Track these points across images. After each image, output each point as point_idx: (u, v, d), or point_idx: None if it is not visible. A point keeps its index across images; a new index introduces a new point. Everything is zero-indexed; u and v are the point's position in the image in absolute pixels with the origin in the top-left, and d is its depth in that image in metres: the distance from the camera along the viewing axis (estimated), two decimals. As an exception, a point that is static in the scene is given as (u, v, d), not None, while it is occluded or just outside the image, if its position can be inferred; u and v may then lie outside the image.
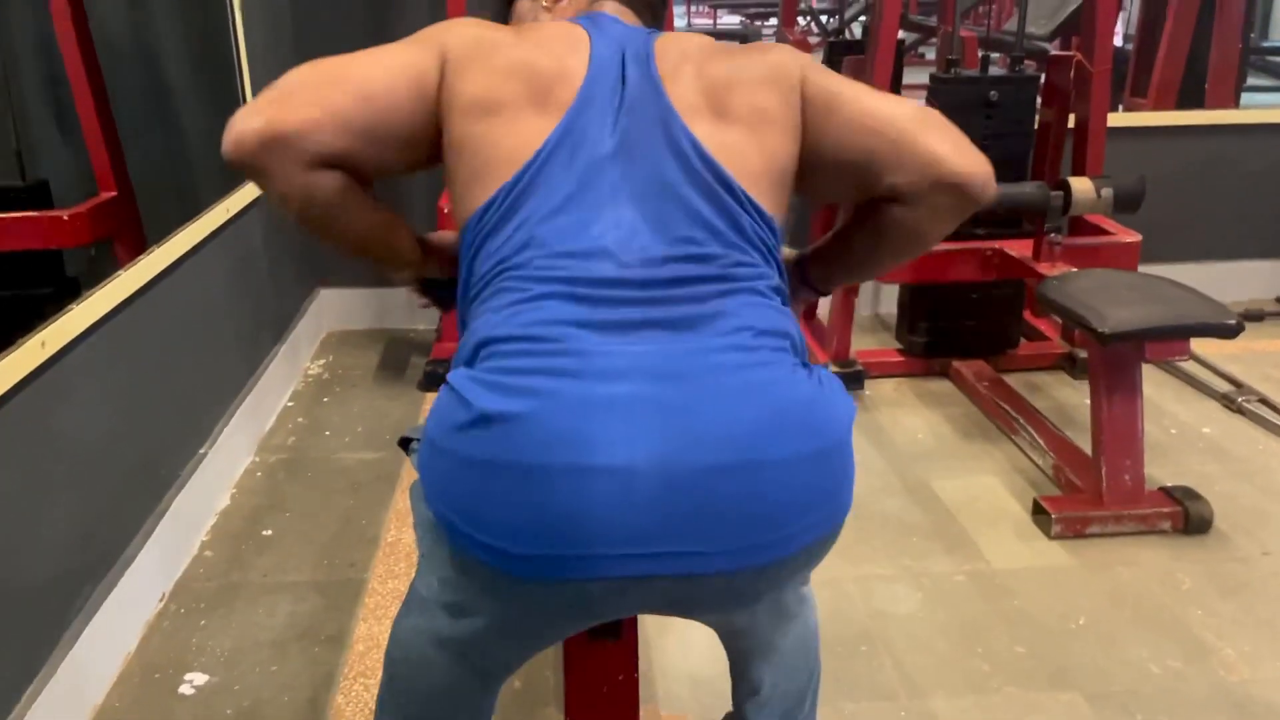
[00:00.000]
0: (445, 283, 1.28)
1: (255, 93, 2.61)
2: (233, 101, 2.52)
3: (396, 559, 2.09)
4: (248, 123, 0.98)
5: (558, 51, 1.10)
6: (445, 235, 1.29)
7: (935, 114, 1.09)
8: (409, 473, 2.43)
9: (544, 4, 1.25)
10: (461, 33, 1.10)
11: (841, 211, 3.02)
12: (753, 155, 1.08)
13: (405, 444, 1.24)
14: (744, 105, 1.09)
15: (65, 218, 1.87)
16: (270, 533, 2.19)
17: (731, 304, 1.02)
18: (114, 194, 1.98)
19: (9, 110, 1.79)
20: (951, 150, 1.05)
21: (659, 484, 0.91)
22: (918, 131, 1.06)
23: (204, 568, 2.06)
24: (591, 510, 0.90)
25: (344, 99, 1.02)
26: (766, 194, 1.08)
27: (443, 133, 1.08)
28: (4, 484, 1.47)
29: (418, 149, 1.09)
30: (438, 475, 0.98)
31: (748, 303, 1.03)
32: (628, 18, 1.21)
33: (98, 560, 1.76)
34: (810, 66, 1.13)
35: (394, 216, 1.17)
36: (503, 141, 1.05)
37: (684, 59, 1.12)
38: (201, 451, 2.21)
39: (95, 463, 1.75)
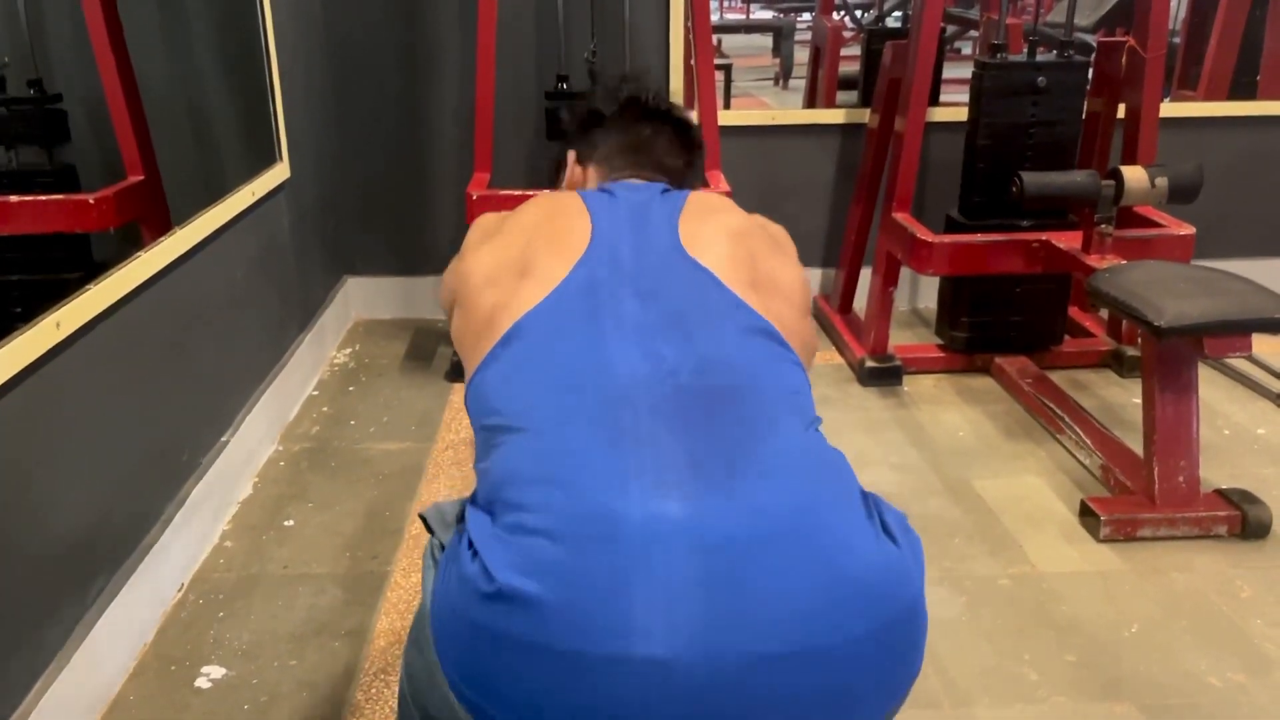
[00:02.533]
0: None
1: (281, 78, 2.57)
2: (259, 85, 2.47)
3: (420, 552, 2.03)
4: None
5: (553, 225, 1.15)
6: None
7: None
8: (434, 465, 2.37)
9: (578, 170, 1.38)
10: (471, 237, 1.22)
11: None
12: (775, 306, 1.09)
13: (427, 524, 1.14)
14: (770, 282, 1.12)
15: (91, 201, 1.83)
16: (292, 523, 2.14)
17: (778, 441, 0.93)
18: (141, 178, 1.94)
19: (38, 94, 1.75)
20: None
21: (703, 677, 0.81)
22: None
23: (224, 558, 2.02)
24: (628, 705, 0.82)
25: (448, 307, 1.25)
26: (795, 340, 1.07)
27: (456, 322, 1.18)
28: (17, 468, 1.43)
29: None
30: (455, 644, 0.90)
31: (794, 439, 0.95)
32: (648, 178, 1.30)
33: (115, 548, 1.71)
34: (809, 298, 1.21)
35: None
36: (497, 301, 1.08)
37: (711, 227, 1.15)
38: (223, 439, 2.16)
39: (113, 448, 1.71)
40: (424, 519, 1.14)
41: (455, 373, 2.85)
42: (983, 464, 2.39)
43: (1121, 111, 2.89)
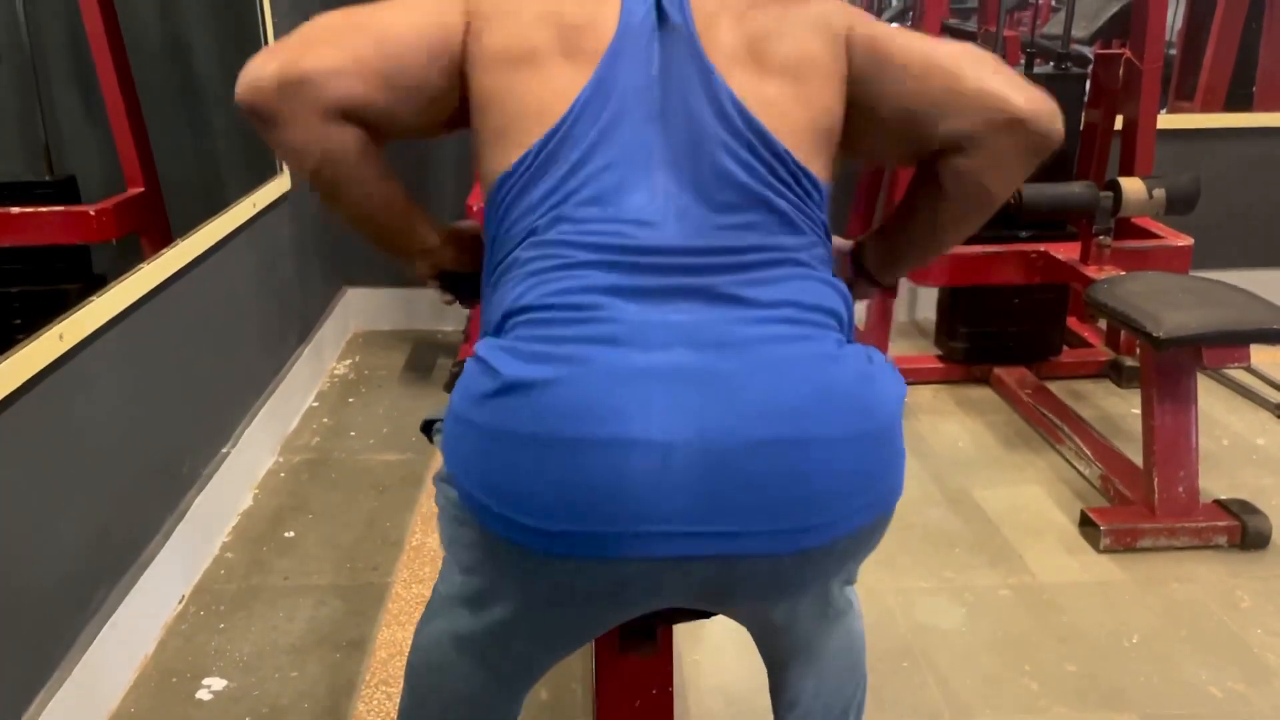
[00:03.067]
0: (467, 275, 1.23)
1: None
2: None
3: (420, 563, 2.03)
4: (265, 65, 0.93)
5: (587, 1, 1.03)
6: (466, 223, 1.25)
7: (988, 53, 1.01)
8: (433, 471, 2.37)
9: None
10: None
11: (884, 191, 2.95)
12: (796, 110, 1.01)
13: (428, 428, 1.18)
14: (787, 55, 1.01)
15: (92, 213, 1.83)
16: (292, 535, 2.14)
17: (776, 275, 0.96)
18: (141, 189, 1.95)
19: (38, 105, 1.76)
20: (1008, 87, 0.97)
21: (699, 459, 0.85)
22: (972, 71, 0.98)
23: (224, 569, 2.01)
24: (628, 486, 0.85)
25: (366, 45, 0.96)
26: (812, 152, 1.01)
27: (469, 89, 1.02)
28: (18, 481, 1.43)
29: (439, 107, 1.04)
30: (463, 449, 0.92)
31: (793, 274, 0.97)
32: None
33: (115, 560, 1.71)
34: (857, 15, 1.05)
35: (410, 199, 1.14)
36: (532, 94, 0.99)
37: (722, 6, 1.04)
38: (224, 451, 2.16)
39: (114, 460, 1.71)
40: (425, 423, 1.17)
41: (454, 383, 2.84)
42: (983, 474, 2.39)
43: (1119, 123, 2.90)
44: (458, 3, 1.02)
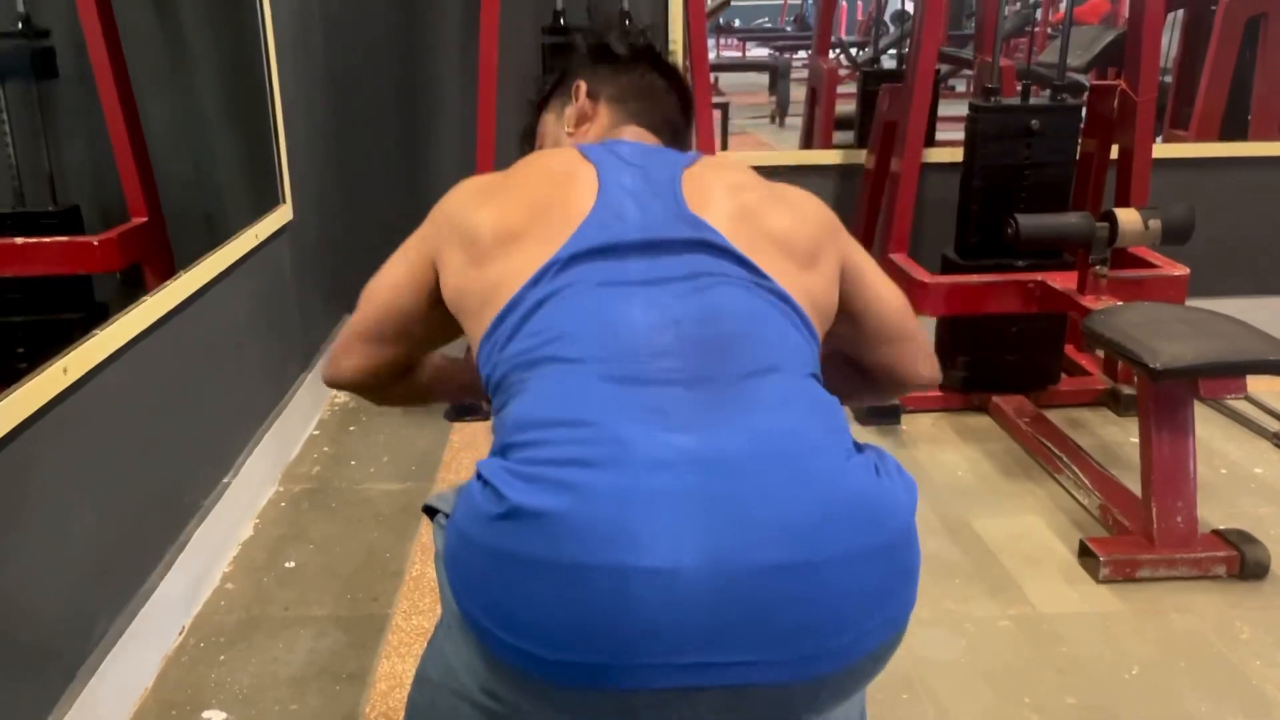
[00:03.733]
0: None
1: (285, 120, 2.60)
2: (263, 128, 2.50)
3: (420, 594, 2.03)
4: (324, 373, 1.27)
5: (559, 185, 1.12)
6: None
7: (923, 333, 1.27)
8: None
9: (567, 129, 1.31)
10: (449, 206, 1.17)
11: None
12: (783, 265, 1.07)
13: (430, 512, 1.17)
14: (777, 230, 1.10)
15: (95, 243, 1.85)
16: (293, 565, 2.14)
17: (777, 383, 0.95)
18: (144, 219, 1.96)
19: (42, 135, 1.78)
20: (928, 373, 1.27)
21: (707, 586, 0.83)
22: (915, 354, 1.25)
23: (225, 600, 2.02)
24: (635, 615, 0.83)
25: (373, 330, 1.21)
26: (802, 296, 1.07)
27: (449, 307, 1.15)
28: (21, 513, 1.43)
29: (446, 327, 1.19)
30: (466, 571, 0.91)
31: (793, 382, 0.97)
32: (649, 140, 1.27)
33: (117, 592, 1.71)
34: (843, 230, 1.20)
35: (450, 363, 1.32)
36: (507, 267, 1.06)
37: (714, 185, 1.13)
38: (225, 480, 2.17)
39: (116, 492, 1.71)
40: (427, 507, 1.17)
41: (455, 413, 2.86)
42: (982, 503, 2.40)
43: (1114, 152, 2.93)
44: (428, 238, 1.18)
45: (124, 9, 1.86)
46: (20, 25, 1.64)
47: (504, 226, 1.08)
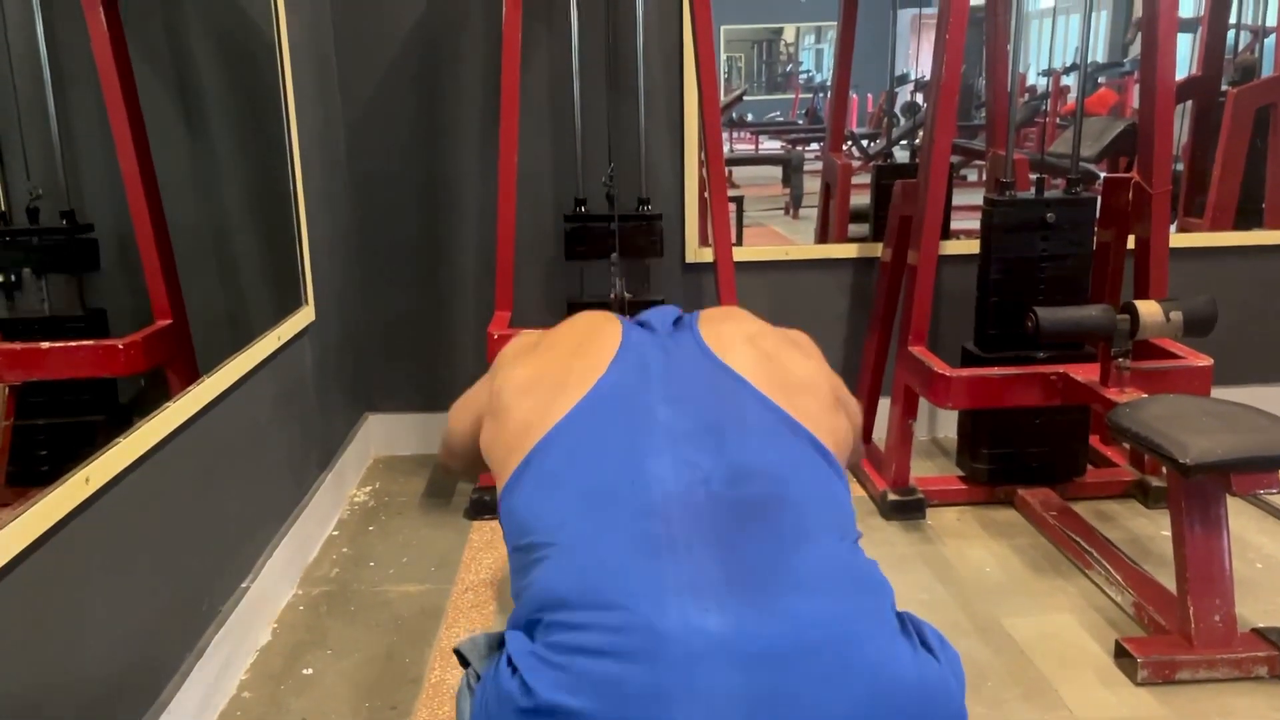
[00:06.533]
0: None
1: (309, 222, 2.64)
2: (287, 231, 2.54)
3: (440, 701, 1.98)
4: (440, 458, 1.72)
5: (585, 336, 1.20)
6: None
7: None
8: (454, 607, 2.34)
9: None
10: (506, 354, 1.32)
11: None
12: (809, 406, 1.10)
13: (461, 659, 1.14)
14: (801, 375, 1.15)
15: (120, 346, 1.86)
16: (310, 672, 2.10)
17: (815, 555, 0.94)
18: (169, 321, 1.98)
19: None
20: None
21: None
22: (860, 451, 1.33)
23: (241, 710, 1.98)
24: None
25: (454, 456, 1.59)
26: (828, 438, 1.08)
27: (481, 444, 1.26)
28: (38, 627, 1.42)
29: None
30: None
31: (831, 552, 0.95)
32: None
33: (133, 704, 1.68)
34: (832, 371, 1.27)
35: None
36: (533, 411, 1.10)
37: (732, 334, 1.19)
38: (244, 585, 2.15)
39: (134, 602, 1.69)
40: (458, 652, 1.13)
41: (475, 510, 2.83)
42: (1012, 601, 2.35)
43: (1131, 242, 2.93)
44: (486, 389, 1.32)
45: (153, 117, 1.91)
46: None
47: (531, 380, 1.13)
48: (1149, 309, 2.40)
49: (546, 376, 1.12)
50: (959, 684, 0.92)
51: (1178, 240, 3.17)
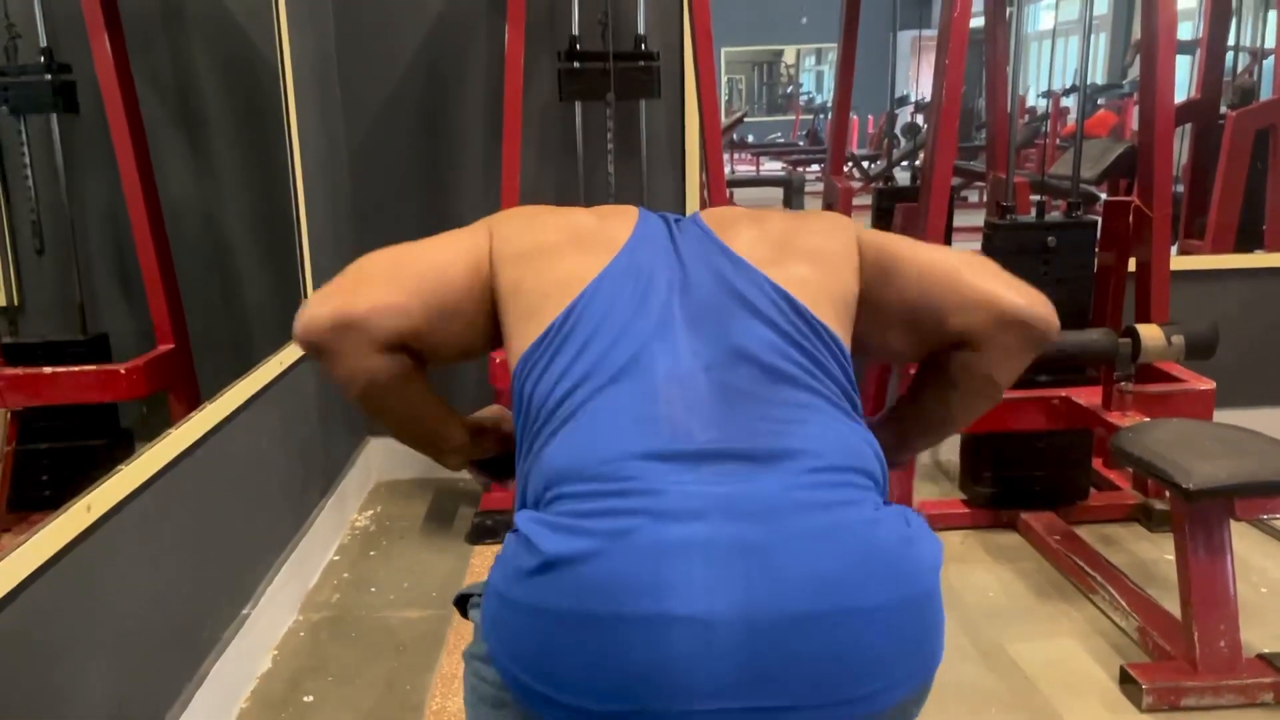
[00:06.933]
0: (498, 458, 1.28)
1: (313, 247, 2.65)
2: (290, 256, 2.55)
3: (442, 729, 1.98)
4: (321, 306, 1.02)
5: (604, 215, 1.16)
6: (491, 411, 1.32)
7: (986, 259, 1.12)
8: (455, 634, 2.33)
9: None
10: (508, 213, 1.19)
11: (892, 382, 2.96)
12: (816, 282, 1.08)
13: (462, 602, 1.17)
14: (805, 248, 1.11)
15: (123, 371, 1.87)
16: (311, 699, 2.09)
17: (811, 430, 0.97)
18: (171, 346, 1.98)
19: (74, 266, 1.82)
20: (1006, 288, 1.08)
21: (741, 634, 0.86)
22: (972, 275, 1.09)
23: (241, 738, 1.97)
24: (672, 663, 0.85)
25: (411, 279, 1.06)
26: (833, 317, 1.08)
27: (496, 289, 1.10)
28: (39, 656, 1.41)
29: (476, 329, 1.12)
30: (504, 629, 0.93)
31: (828, 427, 0.99)
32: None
33: (132, 734, 1.67)
34: (861, 227, 1.17)
35: (445, 404, 1.21)
36: (552, 275, 1.07)
37: (737, 218, 1.15)
38: (244, 612, 2.14)
39: (135, 630, 1.69)
40: (459, 598, 1.17)
41: (477, 535, 2.83)
42: (1016, 626, 2.33)
43: (1132, 264, 2.94)
44: (483, 229, 1.14)
45: (158, 145, 1.92)
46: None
47: (550, 240, 1.11)
48: (1151, 333, 2.40)
49: (564, 241, 1.10)
50: (936, 557, 0.97)
51: (1179, 263, 3.17)
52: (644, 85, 2.87)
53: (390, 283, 1.05)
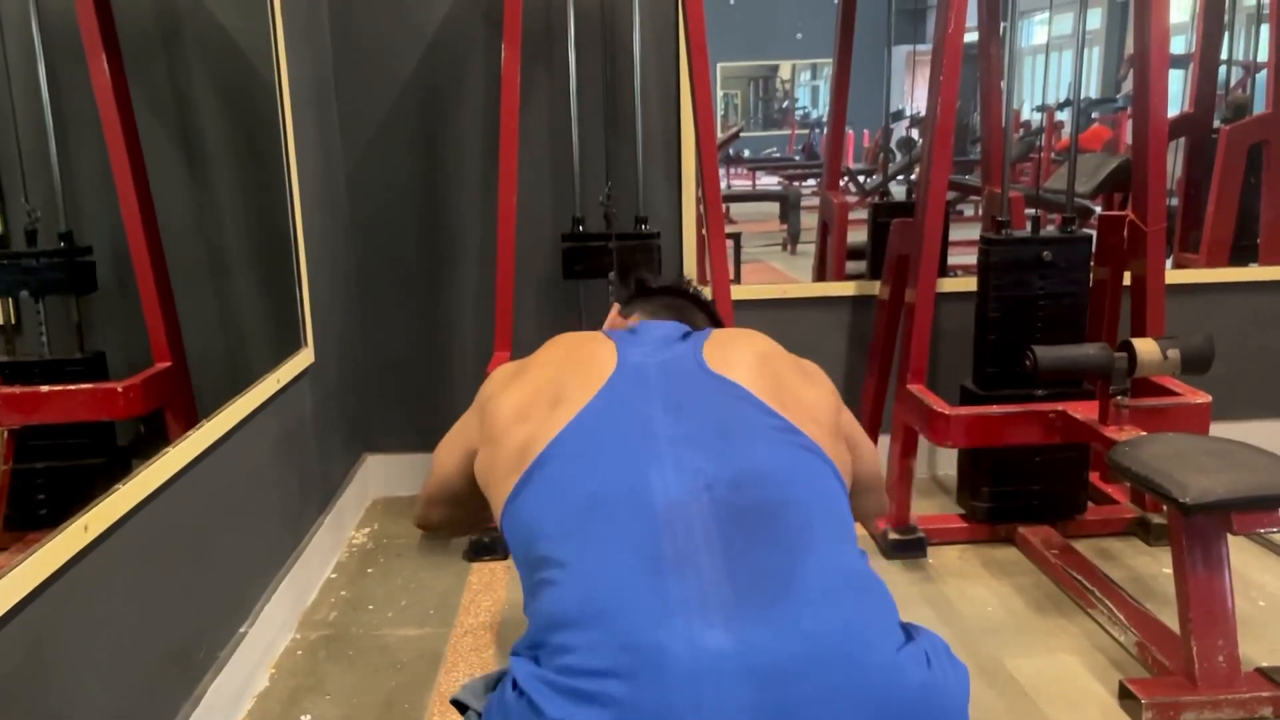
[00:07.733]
0: None
1: (309, 265, 2.66)
2: (287, 274, 2.55)
3: (440, 748, 1.97)
4: (415, 522, 1.64)
5: (574, 351, 1.21)
6: None
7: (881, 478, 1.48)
8: (453, 652, 2.33)
9: (619, 319, 1.50)
10: (489, 388, 1.30)
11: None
12: (809, 419, 1.10)
13: (460, 707, 1.14)
14: (807, 400, 1.15)
15: (120, 389, 1.87)
16: (309, 718, 2.08)
17: (821, 564, 0.94)
18: (168, 364, 1.98)
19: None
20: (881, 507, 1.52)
21: None
22: (879, 506, 1.50)
23: (238, 758, 1.96)
24: None
25: (437, 505, 1.49)
26: (830, 450, 1.10)
27: (476, 470, 1.24)
28: (35, 677, 1.41)
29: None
30: None
31: (837, 560, 0.96)
32: (664, 318, 1.40)
33: (128, 755, 1.67)
34: (843, 407, 1.30)
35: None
36: (530, 432, 1.09)
37: (739, 349, 1.19)
38: (241, 630, 2.13)
39: (130, 649, 1.68)
40: (457, 702, 1.13)
41: (474, 552, 2.82)
42: (1014, 642, 2.33)
43: (1127, 279, 2.95)
44: (475, 415, 1.31)
45: (155, 164, 1.93)
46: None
47: (524, 402, 1.13)
48: (1146, 347, 2.40)
49: (541, 396, 1.11)
50: (961, 688, 0.93)
51: (1173, 276, 3.18)
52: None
53: (437, 508, 1.49)
